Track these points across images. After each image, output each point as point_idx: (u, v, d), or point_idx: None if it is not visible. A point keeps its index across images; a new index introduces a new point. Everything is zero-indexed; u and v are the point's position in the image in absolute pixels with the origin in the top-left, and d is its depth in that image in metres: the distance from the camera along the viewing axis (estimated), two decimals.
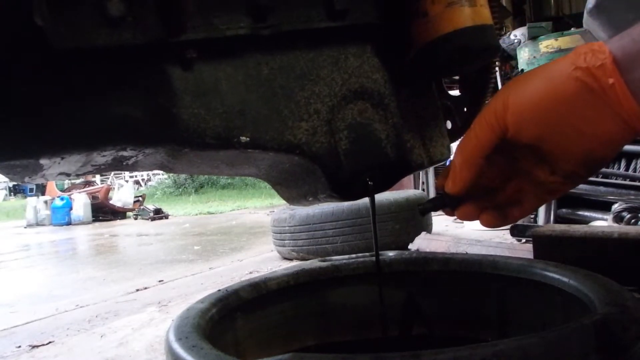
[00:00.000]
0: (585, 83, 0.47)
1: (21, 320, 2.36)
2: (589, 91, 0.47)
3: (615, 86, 0.45)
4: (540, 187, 0.56)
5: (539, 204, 0.59)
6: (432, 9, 0.60)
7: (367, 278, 0.92)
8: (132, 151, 0.55)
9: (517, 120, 0.51)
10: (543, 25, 5.02)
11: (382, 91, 0.64)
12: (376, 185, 0.63)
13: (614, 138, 0.48)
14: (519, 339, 0.47)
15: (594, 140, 0.49)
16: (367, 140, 0.63)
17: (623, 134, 0.48)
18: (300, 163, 0.62)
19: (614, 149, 0.50)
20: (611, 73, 0.45)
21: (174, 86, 0.54)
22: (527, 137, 0.51)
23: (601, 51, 0.47)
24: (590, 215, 2.09)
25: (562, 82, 0.48)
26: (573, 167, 0.51)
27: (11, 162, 0.50)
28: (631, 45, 0.46)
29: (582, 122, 0.48)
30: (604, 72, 0.46)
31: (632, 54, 0.45)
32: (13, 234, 8.54)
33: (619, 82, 0.45)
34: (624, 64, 0.45)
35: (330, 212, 2.83)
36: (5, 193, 24.32)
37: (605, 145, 0.49)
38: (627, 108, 0.46)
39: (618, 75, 0.45)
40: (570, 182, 0.54)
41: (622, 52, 0.46)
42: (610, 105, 0.46)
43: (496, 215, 0.59)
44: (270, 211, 5.77)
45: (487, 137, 0.53)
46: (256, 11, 0.55)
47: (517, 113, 0.51)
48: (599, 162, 0.51)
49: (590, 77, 0.47)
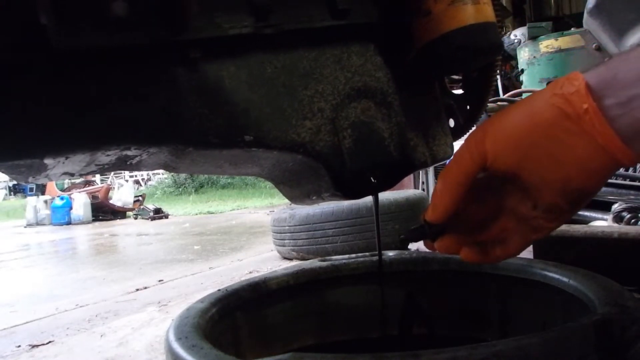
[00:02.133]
0: (561, 109, 0.47)
1: (21, 320, 2.36)
2: (565, 117, 0.47)
3: (590, 111, 0.45)
4: (525, 224, 0.55)
5: (524, 244, 0.56)
6: (435, 7, 0.60)
7: (367, 278, 0.92)
8: (136, 150, 0.55)
9: (495, 148, 0.51)
10: (543, 25, 5.03)
11: (385, 89, 0.64)
12: (379, 184, 0.63)
13: (592, 166, 0.47)
14: (518, 339, 0.47)
15: (571, 168, 0.48)
16: (371, 139, 0.63)
17: (601, 162, 0.47)
18: (304, 162, 0.62)
19: (594, 179, 0.49)
20: (585, 98, 0.46)
21: (178, 86, 0.54)
22: (505, 165, 0.51)
23: (575, 78, 0.47)
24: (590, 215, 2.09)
25: (540, 109, 0.49)
26: (553, 198, 0.50)
27: (15, 162, 0.51)
28: (604, 72, 0.46)
29: (558, 148, 0.48)
30: (578, 98, 0.46)
31: (605, 81, 0.46)
32: (13, 233, 8.53)
33: (593, 107, 0.45)
34: (597, 91, 0.46)
35: (331, 212, 2.83)
36: (5, 192, 24.29)
37: (583, 173, 0.48)
38: (602, 133, 0.45)
39: (591, 101, 0.45)
40: (554, 217, 0.52)
41: (595, 79, 0.46)
42: (586, 130, 0.46)
43: (477, 251, 0.58)
44: (270, 211, 5.77)
45: (467, 165, 0.53)
46: (259, 10, 0.55)
47: (495, 140, 0.51)
48: (579, 192, 0.50)
49: (565, 103, 0.47)
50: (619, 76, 0.45)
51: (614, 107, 0.45)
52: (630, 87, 0.45)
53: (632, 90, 0.44)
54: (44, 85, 0.50)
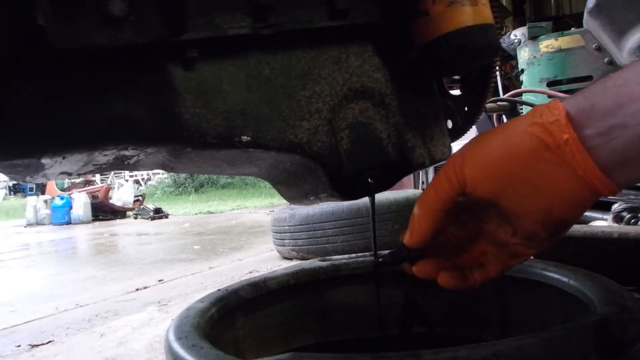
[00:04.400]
0: (540, 139, 0.46)
1: (21, 320, 2.36)
2: (545, 147, 0.46)
3: (570, 142, 0.45)
4: (504, 250, 0.54)
5: (502, 269, 0.56)
6: (433, 9, 0.60)
7: (366, 277, 0.92)
8: (134, 150, 0.55)
9: (473, 175, 0.50)
10: (543, 25, 5.02)
11: (383, 90, 0.64)
12: (377, 185, 0.63)
13: (572, 197, 0.47)
14: (518, 339, 0.47)
15: (551, 198, 0.47)
16: (368, 140, 0.63)
17: (581, 193, 0.46)
18: (302, 162, 0.62)
19: (574, 209, 0.48)
20: (565, 129, 0.45)
21: (176, 86, 0.54)
22: (484, 192, 0.50)
23: (556, 107, 0.46)
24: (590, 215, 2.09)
25: (519, 138, 0.48)
26: (532, 226, 0.50)
27: (13, 161, 0.51)
28: (583, 102, 0.46)
29: (538, 178, 0.47)
30: (558, 128, 0.45)
31: (585, 111, 0.45)
32: (13, 233, 8.54)
33: (573, 138, 0.45)
34: (577, 120, 0.45)
35: (330, 212, 2.83)
36: (5, 192, 24.31)
37: (564, 204, 0.47)
38: (582, 164, 0.45)
39: (572, 131, 0.45)
40: (533, 245, 0.52)
41: (575, 108, 0.46)
42: (566, 161, 0.45)
43: (456, 276, 0.57)
44: (270, 211, 5.77)
45: (445, 191, 0.52)
46: (257, 11, 0.55)
47: (473, 167, 0.50)
48: (559, 223, 0.49)
49: (545, 133, 0.46)
50: (598, 105, 0.45)
51: (594, 137, 0.44)
52: (608, 116, 0.44)
53: (610, 119, 0.44)
54: (42, 85, 0.50)
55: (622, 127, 0.43)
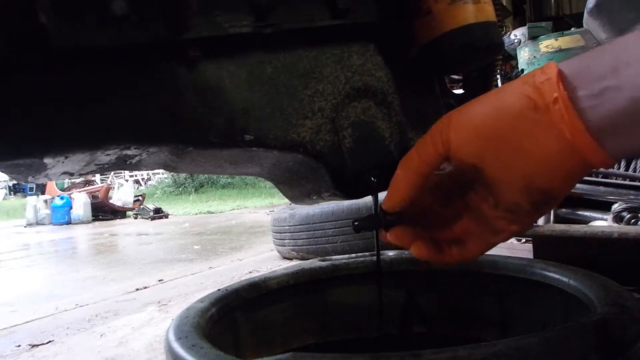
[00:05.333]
0: (529, 98, 0.44)
1: (21, 320, 2.36)
2: (533, 107, 0.44)
3: (559, 100, 0.43)
4: (486, 226, 0.51)
5: (483, 247, 0.53)
6: (435, 7, 0.60)
7: (366, 277, 0.92)
8: (136, 150, 0.55)
9: (458, 136, 0.48)
10: (543, 25, 5.03)
11: (386, 89, 0.64)
12: (380, 184, 0.63)
13: (558, 163, 0.44)
14: (518, 339, 0.47)
15: (535, 163, 0.45)
16: (371, 138, 0.63)
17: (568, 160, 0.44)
18: (304, 161, 0.62)
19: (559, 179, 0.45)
20: (555, 87, 0.43)
21: (178, 85, 0.54)
22: (467, 155, 0.48)
23: (549, 67, 0.45)
24: (590, 215, 2.09)
25: (507, 99, 0.46)
26: (514, 196, 0.47)
27: (15, 161, 0.51)
28: (578, 63, 0.44)
29: (523, 141, 0.45)
30: (549, 87, 0.43)
31: (579, 72, 0.43)
32: (13, 233, 8.54)
33: (563, 97, 0.43)
34: (570, 81, 0.43)
35: (330, 212, 2.83)
36: (5, 192, 24.30)
37: (549, 171, 0.45)
38: (570, 125, 0.42)
39: (562, 90, 0.43)
40: (515, 218, 0.49)
41: (569, 69, 0.44)
42: (554, 122, 0.43)
43: (431, 247, 0.55)
44: (270, 210, 5.77)
45: (428, 153, 0.50)
46: (259, 10, 0.55)
47: (459, 128, 0.48)
48: (543, 193, 0.46)
49: (534, 92, 0.44)
50: (592, 67, 0.43)
51: (586, 98, 0.42)
52: (603, 78, 0.42)
53: (604, 82, 0.41)
54: (44, 84, 0.50)
55: (616, 90, 0.41)
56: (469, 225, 0.53)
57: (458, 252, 0.54)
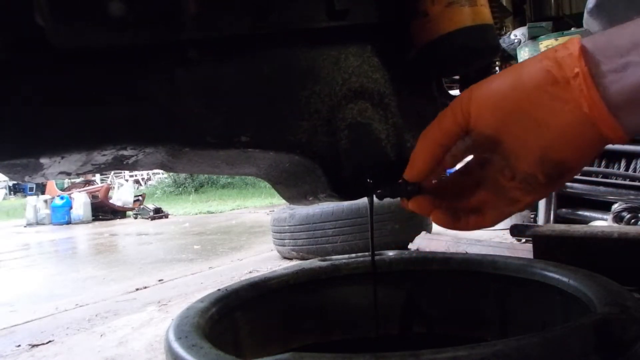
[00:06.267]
0: (550, 72, 0.45)
1: (21, 319, 2.36)
2: (553, 81, 0.45)
3: (580, 75, 0.43)
4: (502, 196, 0.53)
5: (499, 216, 0.55)
6: (432, 9, 0.60)
7: (366, 277, 0.92)
8: (133, 150, 0.55)
9: (478, 107, 0.49)
10: (543, 25, 5.03)
11: (383, 91, 0.64)
12: (376, 185, 0.63)
13: (574, 136, 0.45)
14: (518, 339, 0.46)
15: (552, 135, 0.46)
16: (367, 140, 0.63)
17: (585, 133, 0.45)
18: (301, 162, 0.62)
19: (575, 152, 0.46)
20: (577, 62, 0.44)
21: (175, 86, 0.54)
22: (486, 127, 0.49)
23: (572, 42, 0.45)
24: (590, 215, 2.09)
25: (528, 72, 0.47)
26: (531, 167, 0.48)
27: (11, 161, 0.51)
28: (601, 38, 0.45)
29: (541, 113, 0.46)
30: (570, 61, 0.44)
31: (601, 47, 0.44)
32: (13, 233, 8.54)
33: (584, 72, 0.43)
34: (592, 56, 0.44)
35: (330, 212, 2.83)
36: (5, 192, 24.32)
37: (565, 143, 0.46)
38: (589, 100, 0.43)
39: (583, 65, 0.43)
40: (530, 189, 0.50)
41: (592, 44, 0.44)
42: (573, 96, 0.44)
43: (450, 215, 0.57)
44: (270, 210, 5.77)
45: (448, 124, 0.52)
46: (257, 11, 0.55)
47: (479, 100, 0.50)
48: (558, 165, 0.47)
49: (555, 66, 0.45)
50: (615, 42, 0.43)
51: (606, 73, 0.43)
52: (624, 53, 0.42)
53: (626, 56, 0.42)
54: (40, 85, 0.49)
55: (637, 65, 0.42)
56: (486, 195, 0.55)
57: (475, 221, 0.57)
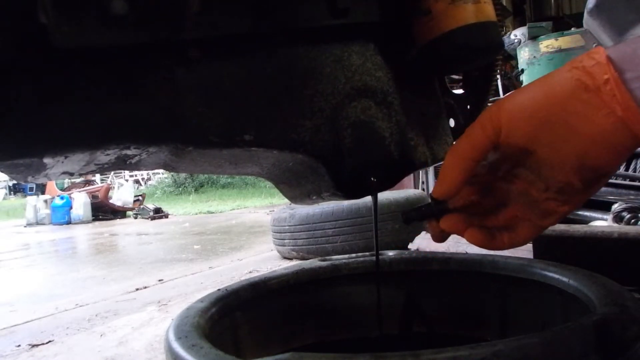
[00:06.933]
0: (580, 80, 0.46)
1: (21, 319, 2.36)
2: (584, 89, 0.46)
3: (610, 81, 0.45)
4: (535, 209, 0.53)
5: (533, 232, 0.55)
6: (435, 7, 0.60)
7: (366, 277, 0.92)
8: (136, 150, 0.55)
9: (510, 120, 0.50)
10: (543, 25, 5.03)
11: (386, 89, 0.64)
12: (380, 184, 0.63)
13: (609, 140, 0.46)
14: (518, 339, 0.47)
15: (587, 142, 0.47)
16: (371, 139, 0.63)
17: (619, 136, 0.46)
18: (304, 161, 0.62)
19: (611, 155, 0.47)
20: (606, 69, 0.45)
21: (178, 85, 0.54)
22: (519, 138, 0.50)
23: (596, 52, 0.47)
24: (590, 215, 2.09)
25: (558, 82, 0.48)
26: (566, 176, 0.49)
27: (14, 161, 0.51)
28: (625, 48, 0.46)
29: (575, 121, 0.47)
30: (599, 69, 0.46)
31: (626, 55, 0.46)
32: (13, 232, 8.54)
33: (614, 77, 0.45)
34: (618, 64, 0.45)
35: (330, 212, 2.83)
36: (5, 192, 24.31)
37: (601, 148, 0.47)
38: (622, 104, 0.45)
39: (613, 71, 0.45)
40: (566, 199, 0.51)
41: (616, 53, 0.46)
42: (605, 101, 0.45)
43: (484, 233, 0.56)
44: (270, 210, 5.77)
45: (479, 139, 0.52)
46: (258, 10, 0.55)
47: (510, 112, 0.50)
48: (595, 170, 0.48)
49: (585, 75, 0.46)
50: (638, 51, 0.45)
51: (634, 80, 0.45)
52: None
53: None
54: (43, 85, 0.49)
55: None
56: (518, 210, 0.55)
57: (509, 238, 0.56)
